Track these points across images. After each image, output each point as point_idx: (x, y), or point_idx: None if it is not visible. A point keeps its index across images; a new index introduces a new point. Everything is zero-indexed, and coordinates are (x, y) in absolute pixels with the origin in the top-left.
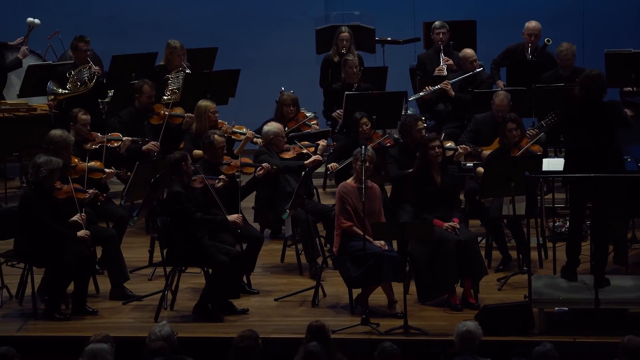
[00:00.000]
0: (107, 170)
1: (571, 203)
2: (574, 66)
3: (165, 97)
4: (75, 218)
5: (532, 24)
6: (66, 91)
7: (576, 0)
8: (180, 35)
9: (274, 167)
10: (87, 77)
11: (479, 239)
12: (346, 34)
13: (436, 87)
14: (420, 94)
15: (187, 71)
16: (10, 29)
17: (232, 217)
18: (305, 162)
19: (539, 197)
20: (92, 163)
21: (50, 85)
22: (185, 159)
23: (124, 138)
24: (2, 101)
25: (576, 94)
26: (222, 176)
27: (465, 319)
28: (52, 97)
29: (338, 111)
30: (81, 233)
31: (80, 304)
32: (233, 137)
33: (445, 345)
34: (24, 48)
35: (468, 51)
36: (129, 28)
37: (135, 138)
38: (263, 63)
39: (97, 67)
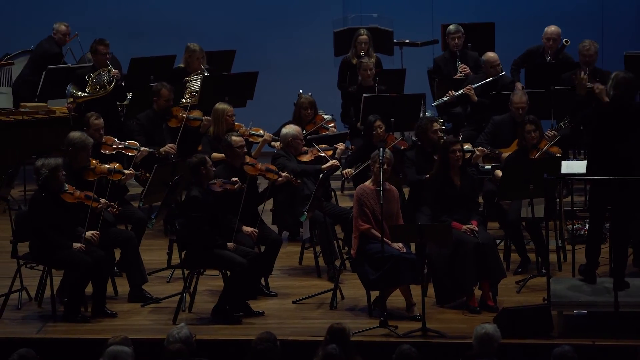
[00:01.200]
0: (126, 171)
1: (591, 204)
2: (595, 66)
3: (184, 100)
4: (88, 235)
5: (552, 28)
6: (85, 94)
7: (594, 2)
8: (198, 37)
9: (298, 181)
10: (106, 80)
11: (498, 241)
12: (365, 36)
13: (459, 91)
14: (444, 99)
15: (206, 74)
16: (30, 31)
17: (247, 230)
18: (323, 166)
19: (557, 200)
20: (111, 165)
21: (70, 88)
22: (204, 162)
23: (142, 148)
24: (21, 104)
25: (607, 94)
26: (234, 178)
27: (484, 322)
28: (72, 99)
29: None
30: (77, 246)
31: (99, 306)
32: (250, 139)
33: (464, 348)
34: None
35: (491, 55)
36: (147, 31)
37: (152, 149)
38: (281, 65)
39: (116, 71)
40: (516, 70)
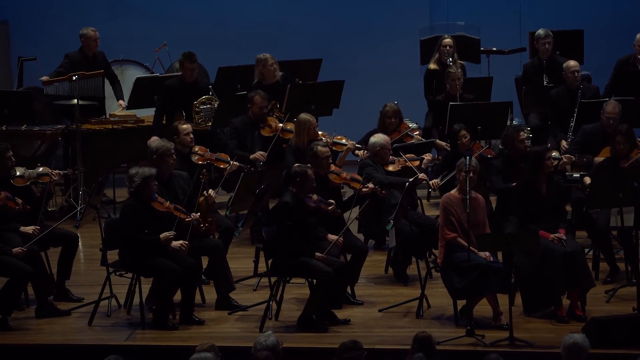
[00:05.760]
0: (212, 193)
1: None
2: None
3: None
4: (177, 245)
5: None
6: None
7: None
8: (283, 47)
9: (383, 192)
10: (213, 113)
11: (586, 250)
12: (449, 39)
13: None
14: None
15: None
16: (116, 40)
17: (332, 238)
18: (410, 179)
19: None
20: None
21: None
22: (305, 175)
23: (232, 162)
24: (111, 112)
25: None
26: (331, 200)
27: (573, 332)
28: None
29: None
30: (176, 244)
31: (187, 313)
32: (334, 148)
33: (552, 358)
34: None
35: (572, 63)
36: (233, 41)
37: (241, 165)
38: (366, 74)
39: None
40: (612, 91)
